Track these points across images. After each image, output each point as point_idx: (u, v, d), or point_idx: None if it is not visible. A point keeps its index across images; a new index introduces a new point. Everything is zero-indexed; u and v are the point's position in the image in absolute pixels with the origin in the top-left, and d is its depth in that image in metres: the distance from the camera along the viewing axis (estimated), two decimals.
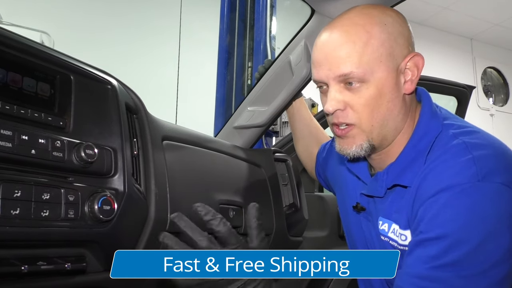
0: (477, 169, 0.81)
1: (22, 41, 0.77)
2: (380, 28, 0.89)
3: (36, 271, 0.71)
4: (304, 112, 1.48)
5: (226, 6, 2.73)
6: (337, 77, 0.88)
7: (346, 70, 0.87)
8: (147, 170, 0.96)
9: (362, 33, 0.87)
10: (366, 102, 0.89)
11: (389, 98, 0.90)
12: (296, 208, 1.47)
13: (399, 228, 0.92)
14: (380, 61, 0.88)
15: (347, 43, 0.87)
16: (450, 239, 0.78)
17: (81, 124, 0.82)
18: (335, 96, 0.90)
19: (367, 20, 0.89)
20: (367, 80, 0.87)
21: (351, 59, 0.87)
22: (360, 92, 0.88)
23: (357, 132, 0.91)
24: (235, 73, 2.69)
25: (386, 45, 0.88)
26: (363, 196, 1.03)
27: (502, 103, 6.48)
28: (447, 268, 0.77)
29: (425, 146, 0.91)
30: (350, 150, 0.93)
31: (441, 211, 0.81)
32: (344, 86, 0.89)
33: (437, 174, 0.85)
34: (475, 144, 0.85)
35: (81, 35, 3.75)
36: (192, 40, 4.23)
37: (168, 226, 0.97)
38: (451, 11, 5.46)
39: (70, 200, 0.76)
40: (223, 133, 1.55)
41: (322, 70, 0.90)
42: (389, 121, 0.91)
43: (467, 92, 2.17)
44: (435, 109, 0.96)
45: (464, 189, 0.80)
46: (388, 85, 0.89)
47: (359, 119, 0.90)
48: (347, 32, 0.88)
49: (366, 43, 0.87)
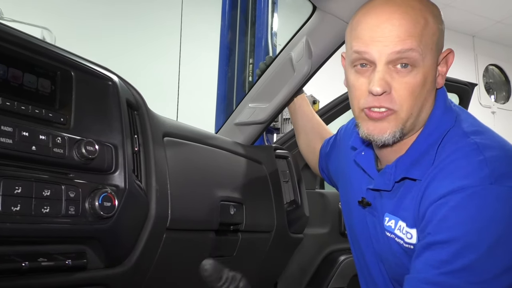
0: (490, 171, 0.79)
1: (22, 37, 0.76)
2: (433, 17, 0.88)
3: (36, 268, 0.71)
4: (306, 108, 1.47)
5: (228, 2, 2.72)
6: (393, 53, 0.84)
7: (405, 46, 0.83)
8: (148, 166, 0.95)
9: (420, 17, 0.86)
10: (412, 88, 0.86)
11: (429, 88, 0.89)
12: (297, 205, 1.47)
13: (405, 226, 0.91)
14: (432, 48, 0.87)
15: (408, 23, 0.85)
16: (460, 243, 0.77)
17: (81, 120, 0.82)
18: (384, 76, 0.85)
19: (422, 6, 0.88)
20: (418, 64, 0.85)
21: (412, 37, 0.84)
22: (408, 77, 0.85)
23: (394, 118, 0.88)
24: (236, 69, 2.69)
25: (437, 34, 0.88)
26: (369, 191, 1.02)
27: (503, 100, 6.46)
28: (457, 274, 0.76)
29: (435, 139, 0.90)
30: (383, 136, 0.88)
31: (451, 213, 0.79)
32: (393, 68, 0.86)
33: (447, 174, 0.84)
34: (487, 145, 0.84)
35: (82, 31, 3.74)
36: (193, 37, 4.22)
37: (169, 223, 0.97)
38: (453, 8, 5.45)
39: (71, 197, 0.76)
40: (224, 130, 1.54)
41: (376, 45, 0.85)
42: (423, 111, 0.90)
43: (469, 90, 2.16)
44: (449, 104, 0.95)
45: (476, 192, 0.78)
46: (431, 75, 0.88)
47: (401, 105, 0.86)
48: (407, 13, 0.85)
49: (424, 27, 0.86)
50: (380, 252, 1.02)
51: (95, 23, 3.85)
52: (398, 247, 0.93)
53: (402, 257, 0.92)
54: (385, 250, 0.98)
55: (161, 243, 0.97)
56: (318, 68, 1.37)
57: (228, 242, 1.20)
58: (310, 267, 1.87)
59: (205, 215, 1.09)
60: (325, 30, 1.26)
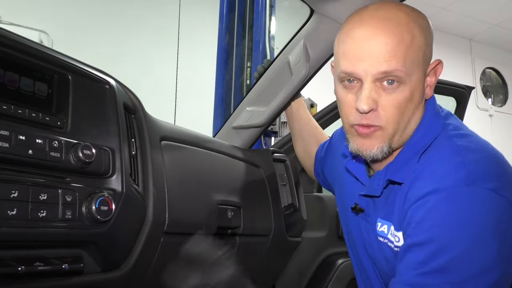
0: (467, 173, 0.80)
1: (19, 40, 0.76)
2: (419, 31, 0.87)
3: (33, 272, 0.71)
4: (302, 112, 1.47)
5: (225, 6, 2.73)
6: (378, 74, 0.85)
7: (391, 67, 0.84)
8: (145, 170, 0.95)
9: (406, 33, 0.85)
10: (399, 104, 0.86)
11: (417, 102, 0.89)
12: (294, 208, 1.47)
13: (394, 229, 0.92)
14: (418, 64, 0.87)
15: (393, 41, 0.84)
16: (436, 244, 0.78)
17: (78, 124, 0.82)
18: (371, 95, 0.86)
19: (407, 19, 0.87)
20: (405, 81, 0.85)
21: (396, 58, 0.84)
22: (395, 93, 0.86)
23: (381, 135, 0.89)
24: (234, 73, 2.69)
25: (423, 48, 0.87)
26: (362, 198, 1.03)
27: (501, 103, 6.48)
28: (435, 275, 0.76)
29: (423, 145, 0.90)
30: (371, 152, 0.90)
31: (428, 215, 0.80)
32: (380, 85, 0.86)
33: (426, 176, 0.85)
34: (467, 148, 0.85)
35: (80, 34, 3.74)
36: (191, 40, 4.23)
37: (166, 227, 0.97)
38: (450, 12, 5.47)
39: (68, 201, 0.76)
40: (221, 133, 1.54)
41: (362, 64, 0.86)
42: (410, 124, 0.90)
43: (466, 93, 2.17)
44: (438, 110, 0.96)
45: (451, 194, 0.79)
46: (419, 89, 0.88)
47: (387, 122, 0.87)
48: (392, 31, 0.85)
49: (409, 45, 0.85)
50: (374, 257, 1.02)
51: (92, 26, 3.85)
52: (389, 251, 0.94)
53: (393, 262, 0.93)
54: (378, 255, 0.99)
55: (158, 247, 0.97)
56: (315, 72, 1.37)
57: (225, 246, 1.19)
58: (308, 271, 1.87)
59: (202, 219, 1.09)
60: (323, 34, 1.26)
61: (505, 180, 0.82)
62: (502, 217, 0.78)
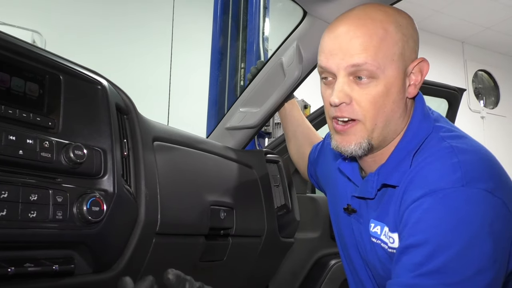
0: (462, 174, 0.81)
1: (10, 40, 0.76)
2: (395, 27, 0.89)
3: (23, 273, 0.70)
4: (296, 113, 1.48)
5: (219, 7, 2.73)
6: (349, 67, 0.86)
7: (360, 60, 0.85)
8: (137, 171, 0.95)
9: (379, 29, 0.87)
10: (374, 99, 0.87)
11: (395, 99, 0.90)
12: (287, 209, 1.47)
13: (388, 231, 0.92)
14: (393, 59, 0.88)
15: (364, 35, 0.86)
16: (432, 245, 0.78)
17: (70, 124, 0.81)
18: (342, 88, 0.87)
19: (384, 17, 0.89)
20: (378, 76, 0.87)
21: (367, 51, 0.85)
22: (368, 88, 0.87)
23: (360, 129, 0.90)
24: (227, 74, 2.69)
25: (399, 45, 0.88)
26: (354, 198, 1.03)
27: (492, 105, 6.54)
28: (431, 276, 0.77)
29: (413, 146, 0.91)
30: (349, 147, 0.91)
31: (424, 216, 0.81)
32: (353, 79, 0.88)
33: (422, 176, 0.85)
34: (462, 149, 0.86)
35: (73, 35, 3.72)
36: (184, 41, 4.22)
37: (158, 227, 0.97)
38: (443, 14, 5.50)
39: (58, 201, 0.75)
40: (215, 134, 1.54)
41: (334, 59, 0.88)
42: (391, 122, 0.91)
43: (458, 95, 2.19)
44: (427, 111, 0.96)
45: (447, 194, 0.80)
46: (396, 85, 0.89)
47: (364, 115, 0.88)
48: (365, 26, 0.87)
49: (382, 39, 0.87)
50: (367, 259, 1.02)
51: (86, 27, 3.84)
52: (383, 252, 0.94)
53: (387, 263, 0.93)
54: (371, 257, 0.99)
55: (150, 248, 0.96)
56: (308, 73, 1.37)
57: (218, 246, 1.19)
58: (301, 271, 1.87)
59: (195, 219, 1.09)
60: (316, 35, 1.26)
61: (499, 181, 0.83)
62: (497, 217, 0.79)
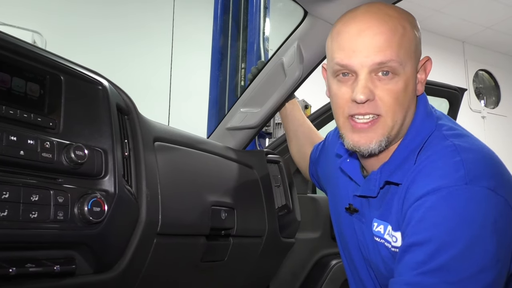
0: (465, 172, 0.81)
1: (10, 40, 0.76)
2: (409, 24, 0.90)
3: (24, 274, 0.70)
4: (297, 113, 1.48)
5: (220, 7, 2.73)
6: (374, 65, 0.86)
7: (386, 58, 0.85)
8: (138, 171, 0.95)
9: (398, 25, 0.88)
10: (396, 94, 0.87)
11: (411, 95, 0.90)
12: (288, 209, 1.47)
13: (391, 229, 0.92)
14: (410, 56, 0.88)
15: (388, 31, 0.86)
16: (435, 243, 0.78)
17: (71, 125, 0.81)
18: (367, 85, 0.87)
19: (397, 14, 0.89)
20: (399, 72, 0.87)
21: (391, 48, 0.85)
22: (390, 84, 0.87)
23: (381, 126, 0.89)
24: (228, 74, 2.69)
25: (414, 42, 0.89)
26: (356, 198, 1.02)
27: (493, 105, 6.53)
28: (434, 274, 0.77)
29: (417, 144, 0.91)
30: (370, 146, 0.89)
31: (427, 214, 0.81)
32: (376, 76, 0.87)
33: (425, 175, 0.85)
34: (465, 147, 0.86)
35: (74, 35, 3.72)
36: (185, 42, 4.22)
37: (159, 228, 0.97)
38: (443, 14, 5.50)
39: (60, 202, 0.75)
40: (215, 135, 1.54)
41: (357, 57, 0.87)
42: (406, 118, 0.91)
43: (459, 95, 2.18)
44: (430, 109, 0.96)
45: (451, 192, 0.80)
46: (412, 82, 0.90)
47: (386, 111, 0.88)
48: (386, 22, 0.87)
49: (402, 36, 0.87)
50: (369, 258, 1.02)
51: (87, 28, 3.83)
52: (386, 251, 0.94)
53: (390, 262, 0.93)
54: (374, 256, 0.99)
55: (151, 248, 0.96)
56: (309, 73, 1.37)
57: (219, 247, 1.19)
58: (301, 272, 1.86)
59: (196, 220, 1.09)
60: (316, 35, 1.27)
61: (501, 179, 0.83)
62: (500, 216, 0.79)
